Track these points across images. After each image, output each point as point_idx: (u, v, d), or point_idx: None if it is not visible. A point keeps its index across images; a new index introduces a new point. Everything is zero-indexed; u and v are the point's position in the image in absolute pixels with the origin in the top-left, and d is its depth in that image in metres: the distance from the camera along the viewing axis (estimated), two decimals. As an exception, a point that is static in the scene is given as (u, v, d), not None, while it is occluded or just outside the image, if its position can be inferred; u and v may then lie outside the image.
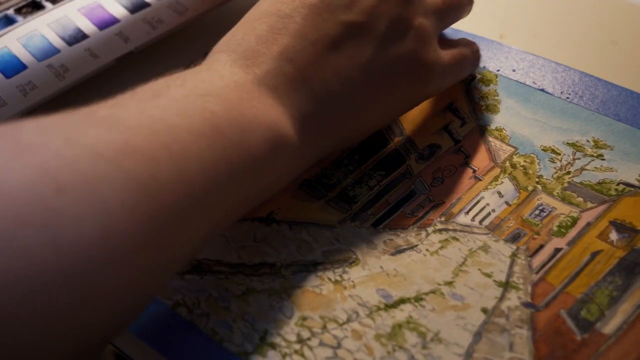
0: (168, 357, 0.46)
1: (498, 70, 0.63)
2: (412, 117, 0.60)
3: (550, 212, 0.53)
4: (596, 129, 0.57)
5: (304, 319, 0.48)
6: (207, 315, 0.48)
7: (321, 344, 0.47)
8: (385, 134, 0.59)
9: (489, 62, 0.64)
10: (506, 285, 0.49)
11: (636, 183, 0.53)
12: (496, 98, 0.60)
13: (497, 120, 0.59)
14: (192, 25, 0.69)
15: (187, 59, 0.67)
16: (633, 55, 0.62)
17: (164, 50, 0.69)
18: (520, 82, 0.62)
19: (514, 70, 0.63)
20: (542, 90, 0.61)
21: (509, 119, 0.59)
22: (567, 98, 0.60)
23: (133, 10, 0.69)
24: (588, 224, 0.51)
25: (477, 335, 0.47)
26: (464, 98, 0.61)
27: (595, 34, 0.65)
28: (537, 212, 0.53)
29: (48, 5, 0.70)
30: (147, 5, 0.69)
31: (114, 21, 0.68)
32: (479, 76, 0.62)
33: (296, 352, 0.46)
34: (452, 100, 0.61)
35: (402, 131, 0.59)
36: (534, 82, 0.61)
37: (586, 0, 0.68)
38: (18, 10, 0.69)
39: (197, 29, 0.71)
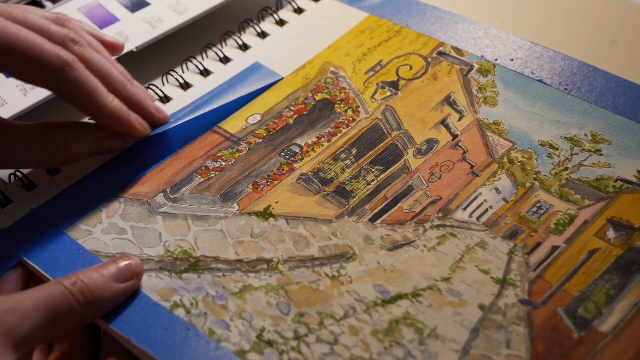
0: None
1: (496, 60, 0.62)
2: (410, 111, 0.60)
3: (548, 209, 0.53)
4: (594, 122, 0.57)
5: (301, 315, 0.48)
6: (204, 315, 0.48)
7: (318, 340, 0.47)
8: (383, 128, 0.59)
9: (487, 50, 0.64)
10: (504, 283, 0.49)
11: (634, 180, 0.53)
12: (494, 90, 0.60)
13: (495, 114, 0.59)
14: (192, 25, 0.69)
15: (187, 59, 0.66)
16: (633, 54, 0.62)
17: (164, 49, 0.69)
18: (519, 73, 0.61)
19: (512, 60, 0.62)
20: (541, 81, 0.60)
21: (507, 112, 0.59)
22: (566, 90, 0.59)
23: (133, 9, 0.69)
24: (586, 222, 0.51)
25: (475, 332, 0.47)
26: (462, 90, 0.61)
27: (595, 33, 0.64)
28: (534, 209, 0.53)
29: (48, 4, 0.69)
30: (147, 4, 0.69)
31: (114, 20, 0.68)
32: (477, 66, 0.62)
33: (293, 349, 0.46)
34: (450, 93, 0.61)
35: (400, 125, 0.59)
36: (532, 73, 0.61)
37: (586, -1, 0.68)
38: (19, 10, 0.69)
39: (197, 29, 0.70)
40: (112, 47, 0.60)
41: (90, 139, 0.56)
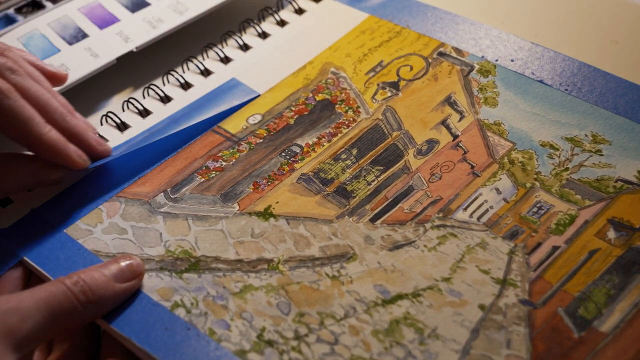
0: None
1: (497, 60, 0.62)
2: (411, 111, 0.60)
3: (548, 209, 0.53)
4: (595, 122, 0.57)
5: (302, 315, 0.48)
6: (205, 314, 0.48)
7: (318, 340, 0.47)
8: (383, 128, 0.59)
9: (488, 50, 0.64)
10: (504, 283, 0.49)
11: (634, 180, 0.53)
12: (495, 90, 0.60)
13: (496, 114, 0.59)
14: (192, 25, 0.69)
15: (187, 58, 0.66)
16: (633, 54, 0.62)
17: (164, 49, 0.69)
18: (519, 73, 0.61)
19: (512, 60, 0.62)
20: (541, 81, 0.60)
21: (508, 112, 0.59)
22: (566, 90, 0.59)
23: (133, 9, 0.69)
24: (586, 222, 0.51)
25: (475, 332, 0.47)
26: (462, 90, 0.61)
27: (595, 33, 0.64)
28: (535, 209, 0.53)
29: (48, 4, 0.69)
30: (147, 4, 0.69)
31: (114, 20, 0.68)
32: (477, 66, 0.62)
33: (293, 349, 0.46)
34: (450, 93, 0.61)
35: (401, 126, 0.59)
36: (532, 73, 0.61)
37: (586, -1, 0.68)
38: (18, 10, 0.69)
39: (197, 28, 0.70)
40: (54, 78, 0.59)
41: (26, 170, 0.54)
